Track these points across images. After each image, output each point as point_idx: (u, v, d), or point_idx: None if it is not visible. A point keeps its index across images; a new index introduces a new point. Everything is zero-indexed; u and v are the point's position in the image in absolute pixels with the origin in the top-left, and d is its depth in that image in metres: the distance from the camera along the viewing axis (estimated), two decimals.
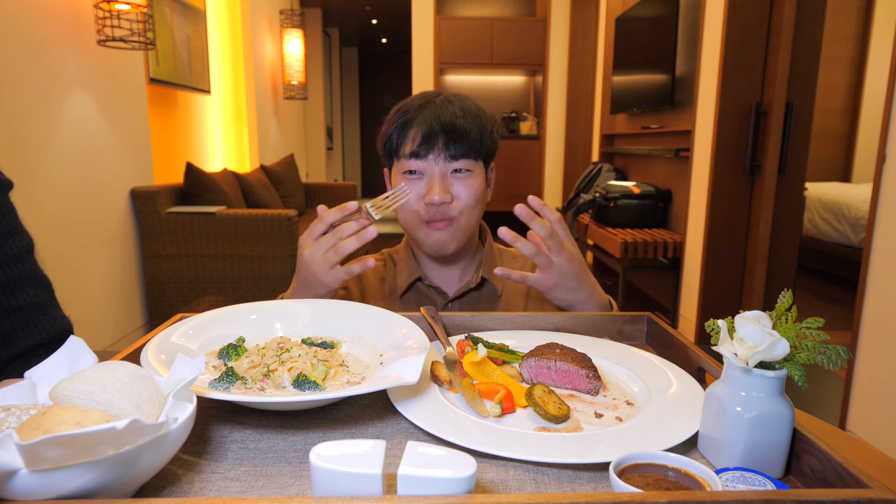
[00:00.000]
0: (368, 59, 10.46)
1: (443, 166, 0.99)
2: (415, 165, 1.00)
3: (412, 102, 1.03)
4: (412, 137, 1.00)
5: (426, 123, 0.98)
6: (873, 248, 2.07)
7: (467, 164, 1.00)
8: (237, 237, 3.32)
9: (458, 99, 1.03)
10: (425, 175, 1.00)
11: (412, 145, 0.99)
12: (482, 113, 1.04)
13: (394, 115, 1.04)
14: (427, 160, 0.99)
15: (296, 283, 0.93)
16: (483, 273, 1.09)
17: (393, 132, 1.02)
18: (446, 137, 0.98)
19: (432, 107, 1.01)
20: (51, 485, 0.42)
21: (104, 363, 0.53)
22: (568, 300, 0.94)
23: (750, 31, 2.93)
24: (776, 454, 0.53)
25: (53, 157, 2.55)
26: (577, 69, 6.22)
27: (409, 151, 0.99)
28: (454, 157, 0.99)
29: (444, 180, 0.99)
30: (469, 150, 0.99)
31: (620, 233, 3.65)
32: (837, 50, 5.25)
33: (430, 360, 0.73)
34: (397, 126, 1.02)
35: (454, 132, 0.98)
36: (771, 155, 2.98)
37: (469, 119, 1.00)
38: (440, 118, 0.98)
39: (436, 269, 1.12)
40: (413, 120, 1.00)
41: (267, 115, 5.58)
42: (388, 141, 1.03)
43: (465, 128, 0.99)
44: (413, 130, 1.00)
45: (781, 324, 0.54)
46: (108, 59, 2.93)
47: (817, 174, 5.31)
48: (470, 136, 0.99)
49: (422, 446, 0.45)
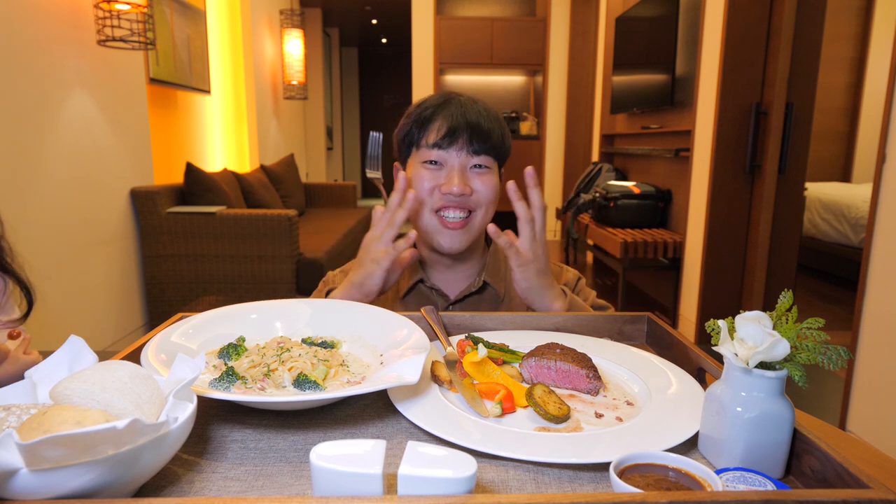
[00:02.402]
0: (368, 59, 10.46)
1: (464, 160, 1.01)
2: (436, 156, 1.01)
3: (434, 99, 1.06)
4: (436, 129, 1.01)
5: (452, 117, 1.01)
6: (873, 248, 2.07)
7: (487, 161, 1.03)
8: (237, 237, 3.32)
9: (481, 101, 1.07)
10: (445, 167, 1.02)
11: (436, 136, 1.01)
12: (501, 117, 1.07)
13: (415, 109, 1.06)
14: (449, 152, 1.01)
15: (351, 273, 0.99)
16: (486, 277, 1.09)
17: (414, 124, 1.04)
18: (470, 133, 1.00)
19: (457, 103, 1.03)
20: (51, 484, 0.42)
21: (104, 363, 0.53)
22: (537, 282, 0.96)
23: (750, 31, 2.93)
24: (776, 454, 0.53)
25: (53, 157, 2.55)
26: (577, 69, 6.22)
27: (432, 142, 1.01)
28: (476, 152, 1.01)
29: (463, 173, 1.01)
30: (490, 148, 1.02)
31: (620, 233, 3.65)
32: (837, 50, 5.25)
33: (431, 360, 0.73)
34: (420, 119, 1.04)
35: (479, 129, 1.01)
36: (771, 155, 2.98)
37: (492, 120, 1.03)
38: (466, 115, 1.01)
39: (438, 271, 1.12)
40: (437, 114, 1.02)
41: (267, 115, 5.58)
42: (409, 133, 1.05)
43: (489, 127, 1.02)
44: (437, 123, 1.02)
45: (782, 324, 0.54)
46: (108, 59, 2.93)
47: (817, 174, 5.31)
48: (493, 135, 1.02)
49: (422, 446, 0.45)
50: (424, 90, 6.35)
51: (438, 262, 1.11)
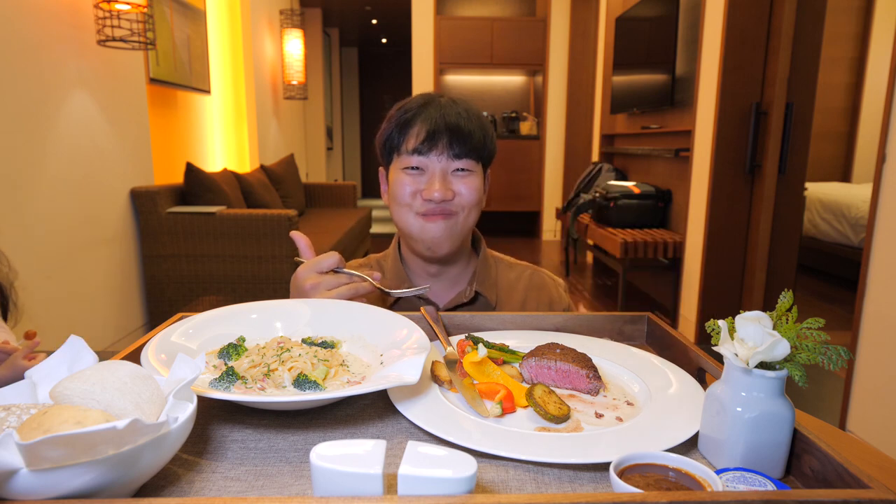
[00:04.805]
0: (368, 59, 10.46)
1: (445, 164, 0.99)
2: (416, 161, 0.99)
3: (415, 101, 1.02)
4: (415, 134, 0.99)
5: (431, 121, 0.98)
6: (873, 248, 2.07)
7: (469, 165, 1.00)
8: (237, 237, 3.32)
9: (462, 101, 1.03)
10: (426, 172, 0.99)
11: (415, 141, 0.98)
12: (483, 117, 1.04)
13: (395, 112, 1.03)
14: (429, 157, 0.98)
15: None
16: (477, 286, 1.07)
17: (395, 129, 1.01)
18: (450, 136, 0.97)
19: (436, 106, 1.00)
20: (51, 484, 0.42)
21: (104, 363, 0.53)
22: None
23: (750, 31, 2.93)
24: (776, 454, 0.53)
25: (53, 157, 2.55)
26: (577, 69, 6.22)
27: (412, 147, 0.98)
28: (457, 156, 0.98)
29: (445, 178, 0.98)
30: (471, 150, 0.99)
31: (620, 233, 3.65)
32: (837, 50, 5.25)
33: (431, 360, 0.73)
34: (400, 123, 1.01)
35: (458, 132, 0.98)
36: (771, 155, 2.98)
37: (473, 121, 1.00)
38: (445, 117, 0.98)
39: (425, 279, 1.09)
40: (417, 117, 0.99)
41: (267, 115, 5.58)
42: (389, 138, 1.02)
43: (469, 129, 0.98)
44: (416, 128, 0.99)
45: (782, 324, 0.54)
46: (108, 59, 2.93)
47: (817, 174, 5.31)
48: (473, 137, 0.99)
49: (422, 446, 0.45)
50: (424, 90, 6.32)
51: (424, 270, 1.09)
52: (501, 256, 1.16)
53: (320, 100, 7.74)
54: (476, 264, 1.10)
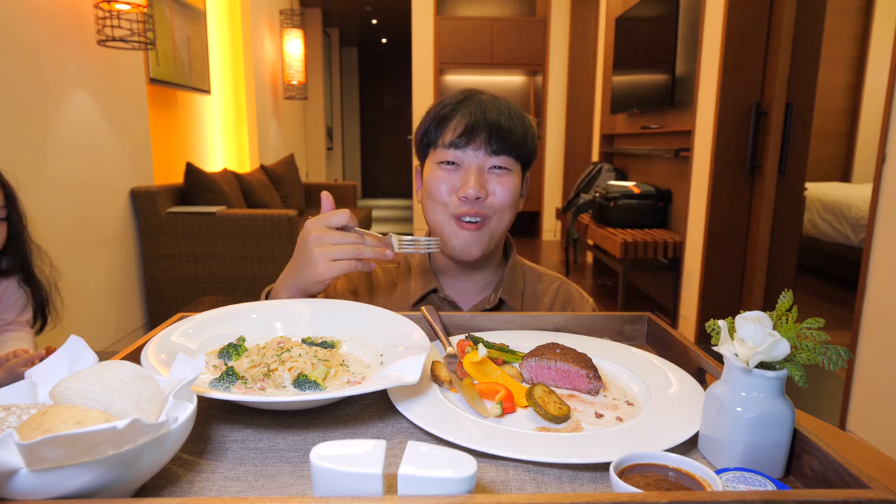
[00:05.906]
0: (368, 59, 10.46)
1: (482, 160, 0.95)
2: (452, 156, 0.95)
3: (455, 96, 1.00)
4: (453, 128, 0.95)
5: (470, 115, 0.95)
6: (873, 248, 2.07)
7: (507, 163, 0.96)
8: (237, 237, 3.32)
9: (504, 99, 0.99)
10: (462, 167, 0.96)
11: (452, 135, 0.95)
12: (526, 116, 1.00)
13: (434, 107, 1.00)
14: (466, 151, 0.95)
15: (288, 268, 0.90)
16: (502, 294, 1.04)
17: (432, 123, 0.98)
18: (489, 131, 0.94)
19: (477, 100, 0.97)
20: (51, 484, 0.42)
21: (104, 363, 0.53)
22: None
23: (750, 31, 2.93)
24: (776, 454, 0.53)
25: (53, 157, 2.54)
26: (577, 69, 6.22)
27: (448, 141, 0.95)
28: (495, 152, 0.94)
29: (481, 174, 0.95)
30: (511, 147, 0.95)
31: (620, 233, 3.65)
32: (837, 50, 5.25)
33: (431, 360, 0.73)
34: (438, 117, 0.97)
35: (498, 128, 0.94)
36: (771, 155, 2.98)
37: (514, 118, 0.96)
38: (485, 112, 0.94)
39: (453, 280, 1.06)
40: (455, 111, 0.96)
41: (267, 115, 5.58)
42: (426, 132, 0.99)
43: (510, 126, 0.95)
44: (455, 121, 0.96)
45: (782, 324, 0.54)
46: (108, 59, 2.93)
47: (817, 174, 5.31)
48: (514, 134, 0.95)
49: (422, 446, 0.45)
50: (424, 90, 6.35)
51: (453, 269, 1.05)
52: (532, 265, 1.13)
53: (320, 100, 7.74)
54: (504, 271, 1.07)
